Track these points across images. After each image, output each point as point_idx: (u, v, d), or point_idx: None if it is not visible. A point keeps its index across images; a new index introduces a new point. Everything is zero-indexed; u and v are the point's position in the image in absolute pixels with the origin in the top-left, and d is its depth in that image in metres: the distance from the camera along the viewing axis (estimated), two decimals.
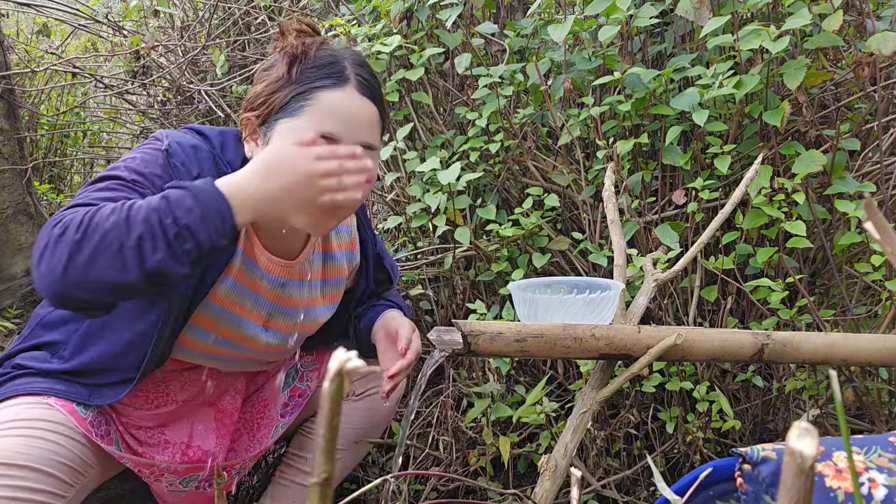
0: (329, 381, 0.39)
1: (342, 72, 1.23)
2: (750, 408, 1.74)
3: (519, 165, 1.95)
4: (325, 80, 1.21)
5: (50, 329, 1.34)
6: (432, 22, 2.00)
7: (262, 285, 1.35)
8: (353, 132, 1.21)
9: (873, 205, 0.46)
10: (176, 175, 1.20)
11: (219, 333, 1.33)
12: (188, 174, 1.21)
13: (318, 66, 1.23)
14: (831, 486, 0.98)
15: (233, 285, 1.31)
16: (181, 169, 1.21)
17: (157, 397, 1.39)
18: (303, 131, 1.18)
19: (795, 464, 0.39)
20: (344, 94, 1.22)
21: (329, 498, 0.40)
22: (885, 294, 1.53)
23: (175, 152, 1.22)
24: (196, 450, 1.40)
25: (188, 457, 1.39)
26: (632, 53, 1.81)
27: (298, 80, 1.22)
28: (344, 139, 1.20)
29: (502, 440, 1.62)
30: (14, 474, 1.14)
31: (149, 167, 1.20)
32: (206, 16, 3.00)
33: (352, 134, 1.21)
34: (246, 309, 1.34)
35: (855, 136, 1.64)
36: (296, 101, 1.21)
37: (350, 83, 1.23)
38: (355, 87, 1.23)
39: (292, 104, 1.21)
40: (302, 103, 1.20)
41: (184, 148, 1.23)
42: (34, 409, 1.24)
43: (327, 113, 1.20)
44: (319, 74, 1.22)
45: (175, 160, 1.21)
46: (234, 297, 1.32)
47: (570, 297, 1.37)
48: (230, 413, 1.46)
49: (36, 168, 2.86)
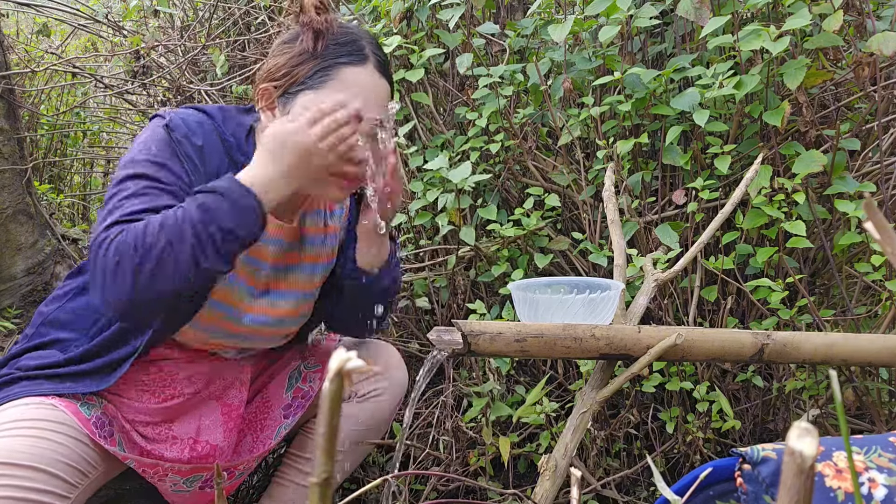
0: (329, 381, 0.39)
1: (362, 50, 1.29)
2: (750, 408, 1.74)
3: (519, 165, 1.95)
4: (347, 57, 1.27)
5: (57, 328, 1.35)
6: (432, 22, 2.00)
7: (266, 250, 1.37)
8: (370, 108, 1.26)
9: (873, 205, 0.46)
10: (179, 148, 1.25)
11: (227, 303, 1.34)
12: (191, 145, 1.26)
13: (339, 42, 1.28)
14: (831, 486, 0.98)
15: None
16: (184, 142, 1.26)
17: (163, 390, 1.39)
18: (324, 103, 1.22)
19: (795, 464, 0.39)
20: (364, 70, 1.28)
21: (329, 498, 0.40)
22: (885, 294, 1.53)
23: (176, 126, 1.27)
24: (204, 444, 1.40)
25: (196, 452, 1.39)
26: (632, 53, 1.81)
27: (322, 56, 1.27)
28: (364, 116, 1.24)
29: (502, 440, 1.62)
30: (18, 475, 1.14)
31: (162, 153, 1.25)
32: (206, 16, 3.00)
33: (369, 109, 1.26)
34: (253, 278, 1.36)
35: (855, 136, 1.64)
36: (319, 74, 1.26)
37: (370, 61, 1.29)
38: (374, 66, 1.29)
39: (315, 77, 1.26)
40: (324, 77, 1.26)
41: (185, 121, 1.28)
42: (38, 409, 1.24)
43: (349, 87, 1.26)
44: (342, 51, 1.28)
45: (177, 133, 1.26)
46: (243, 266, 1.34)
47: (570, 297, 1.37)
48: (236, 406, 1.46)
49: (36, 168, 2.86)
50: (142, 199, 1.20)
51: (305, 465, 1.56)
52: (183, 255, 1.13)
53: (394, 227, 1.65)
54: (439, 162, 1.79)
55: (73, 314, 1.35)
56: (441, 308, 1.96)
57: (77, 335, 1.34)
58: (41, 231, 2.49)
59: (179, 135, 1.26)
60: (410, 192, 1.94)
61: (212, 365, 1.44)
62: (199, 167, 1.26)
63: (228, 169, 1.28)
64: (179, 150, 1.25)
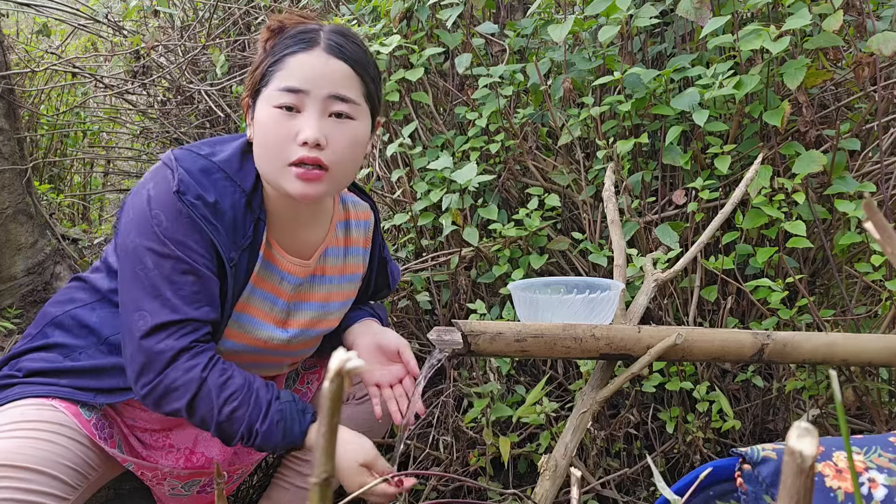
0: (329, 381, 0.39)
1: (313, 38, 1.25)
2: (750, 408, 1.74)
3: (519, 165, 1.95)
4: (293, 47, 1.24)
5: (63, 331, 1.34)
6: (432, 22, 2.00)
7: (282, 287, 1.36)
8: (319, 86, 1.22)
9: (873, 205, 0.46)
10: (194, 211, 1.21)
11: (235, 339, 1.34)
12: (203, 203, 1.22)
13: (290, 36, 1.26)
14: (831, 486, 0.98)
15: (251, 290, 1.32)
16: (197, 203, 1.22)
17: None
18: (272, 94, 1.22)
19: (795, 464, 0.39)
20: (310, 55, 1.23)
21: (329, 498, 0.40)
22: (885, 294, 1.53)
23: (187, 187, 1.22)
24: (200, 456, 1.40)
25: (191, 462, 1.39)
26: (632, 53, 1.81)
27: (272, 53, 1.25)
28: (311, 91, 1.21)
29: (502, 440, 1.61)
30: (18, 476, 1.14)
31: (178, 227, 1.22)
32: (206, 16, 3.00)
33: (318, 87, 1.22)
34: (262, 311, 1.35)
35: (855, 136, 1.63)
36: (270, 70, 1.24)
37: (318, 46, 1.24)
38: (324, 49, 1.24)
39: (267, 75, 1.24)
40: (273, 71, 1.24)
41: (194, 176, 1.24)
42: (39, 411, 1.24)
43: (293, 72, 1.22)
44: (290, 43, 1.25)
45: (189, 197, 1.22)
46: (252, 300, 1.33)
47: (570, 297, 1.37)
48: None
49: (36, 168, 2.86)
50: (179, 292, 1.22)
51: (304, 467, 1.56)
52: (215, 422, 1.23)
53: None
54: (443, 162, 1.79)
55: (82, 323, 1.34)
56: (441, 308, 1.96)
57: (84, 344, 1.32)
58: (41, 231, 2.49)
59: (192, 197, 1.22)
60: (413, 193, 1.94)
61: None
62: (216, 224, 1.23)
63: (244, 208, 1.26)
64: (196, 214, 1.21)
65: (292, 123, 1.21)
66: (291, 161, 1.20)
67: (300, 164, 1.20)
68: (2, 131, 2.37)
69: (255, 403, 1.22)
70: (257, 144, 1.25)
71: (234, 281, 1.27)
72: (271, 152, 1.22)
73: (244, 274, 1.29)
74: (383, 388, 1.41)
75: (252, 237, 1.27)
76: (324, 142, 1.20)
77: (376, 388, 1.41)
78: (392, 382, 1.41)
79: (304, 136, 1.19)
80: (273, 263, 1.34)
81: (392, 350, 1.42)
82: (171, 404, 1.22)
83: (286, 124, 1.21)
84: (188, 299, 1.21)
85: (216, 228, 1.22)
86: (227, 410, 1.20)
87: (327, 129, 1.21)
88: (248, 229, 1.27)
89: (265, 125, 1.22)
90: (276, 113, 1.21)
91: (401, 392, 1.40)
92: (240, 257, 1.26)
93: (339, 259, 1.45)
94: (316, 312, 1.42)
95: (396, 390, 1.40)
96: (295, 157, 1.20)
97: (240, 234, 1.26)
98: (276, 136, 1.21)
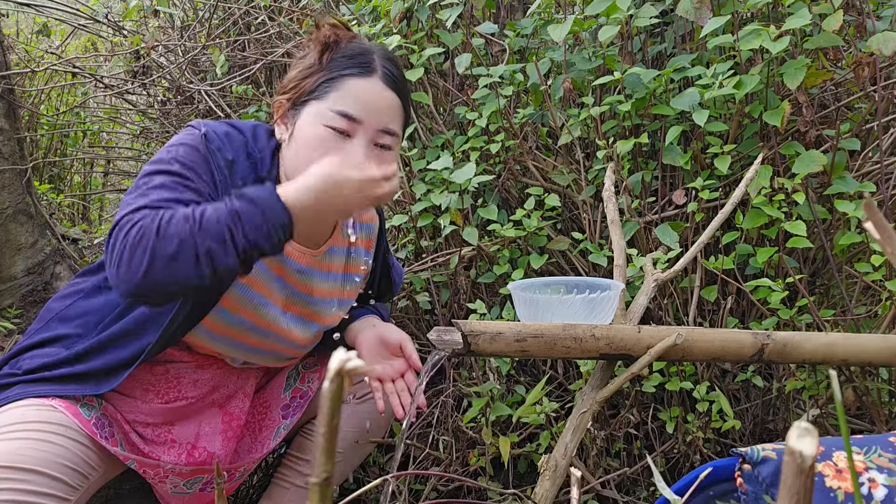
0: (329, 381, 0.39)
1: (370, 63, 1.29)
2: (750, 408, 1.74)
3: (519, 165, 1.95)
4: (352, 69, 1.28)
5: (66, 322, 1.35)
6: (432, 22, 2.00)
7: (284, 268, 1.38)
8: (373, 116, 1.26)
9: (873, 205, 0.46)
10: (213, 158, 1.26)
11: (243, 315, 1.35)
12: (223, 158, 1.27)
13: (347, 55, 1.29)
14: (831, 486, 0.98)
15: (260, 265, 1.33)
16: (217, 154, 1.27)
17: (167, 391, 1.39)
18: (326, 113, 1.25)
19: (795, 464, 0.39)
20: (368, 82, 1.27)
21: (329, 498, 0.40)
22: (885, 294, 1.53)
23: (212, 138, 1.28)
24: (202, 451, 1.40)
25: (193, 457, 1.39)
26: (632, 53, 1.81)
27: (328, 67, 1.28)
28: (365, 121, 1.25)
29: (502, 440, 1.61)
30: (19, 478, 1.14)
31: (192, 157, 1.26)
32: (206, 16, 3.00)
33: (373, 118, 1.26)
34: (266, 289, 1.36)
35: (855, 136, 1.64)
36: (324, 86, 1.27)
37: (376, 74, 1.28)
38: (380, 78, 1.28)
39: (321, 89, 1.27)
40: (328, 88, 1.27)
41: (219, 135, 1.29)
42: (38, 411, 1.24)
43: (351, 97, 1.26)
44: (348, 63, 1.28)
45: (212, 145, 1.27)
46: (261, 276, 1.34)
47: (570, 297, 1.37)
48: (237, 416, 1.46)
49: (36, 168, 2.86)
50: (170, 191, 1.21)
51: (305, 466, 1.56)
52: (203, 249, 1.13)
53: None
54: (443, 162, 1.80)
55: (84, 311, 1.36)
56: (441, 308, 1.96)
57: (84, 331, 1.34)
58: (41, 231, 2.49)
59: (214, 147, 1.27)
60: (412, 192, 1.94)
61: (218, 372, 1.44)
62: (227, 180, 1.26)
63: (254, 181, 1.29)
64: (213, 160, 1.26)
65: (340, 147, 1.24)
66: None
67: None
68: (2, 131, 2.37)
69: (216, 205, 1.17)
70: (294, 152, 1.28)
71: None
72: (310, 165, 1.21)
73: None
74: (385, 382, 1.42)
75: None
76: None
77: (378, 383, 1.42)
78: (394, 377, 1.42)
79: None
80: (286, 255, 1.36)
81: (394, 344, 1.43)
82: (141, 260, 1.13)
83: (334, 146, 1.24)
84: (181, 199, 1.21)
85: (225, 181, 1.26)
86: (197, 215, 1.14)
87: (371, 159, 1.25)
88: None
89: (310, 140, 1.25)
90: (326, 132, 1.25)
91: (403, 387, 1.41)
92: None
93: (342, 258, 1.47)
94: (316, 307, 1.43)
95: (398, 385, 1.41)
96: None
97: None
98: (321, 154, 1.23)
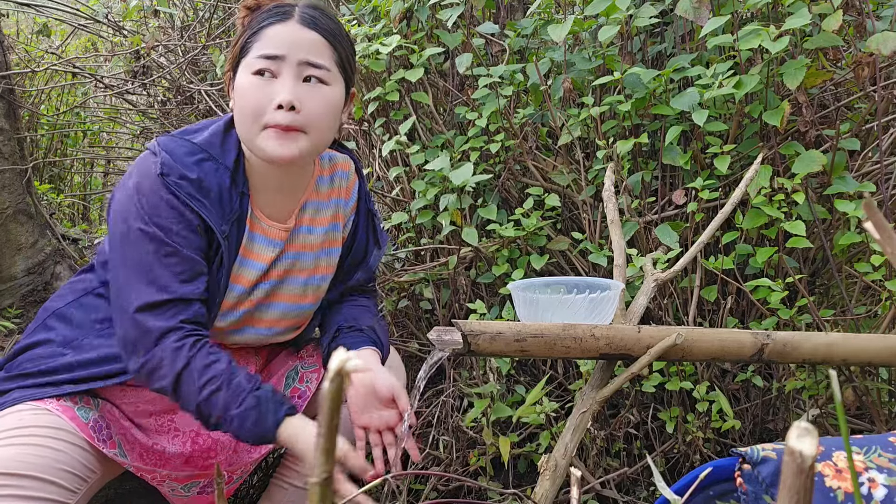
0: (329, 381, 0.39)
1: (287, 10, 1.33)
2: (750, 408, 1.74)
3: (519, 165, 1.95)
4: (270, 19, 1.32)
5: (64, 322, 1.36)
6: (432, 22, 2.00)
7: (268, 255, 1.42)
8: (293, 52, 1.29)
9: (873, 205, 0.46)
10: (179, 191, 1.27)
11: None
12: (189, 182, 1.28)
13: (267, 10, 1.34)
14: (831, 486, 0.98)
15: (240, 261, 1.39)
16: (182, 183, 1.28)
17: None
18: (252, 62, 1.29)
19: (795, 464, 0.39)
20: (286, 25, 1.31)
21: (329, 498, 0.40)
22: (885, 294, 1.53)
23: (170, 169, 1.29)
24: (206, 437, 1.40)
25: (198, 445, 1.39)
26: (632, 53, 1.81)
27: (250, 27, 1.33)
28: (286, 57, 1.28)
29: (502, 440, 1.61)
30: (17, 484, 1.14)
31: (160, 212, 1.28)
32: (206, 16, 3.00)
33: (292, 52, 1.29)
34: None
35: (855, 136, 1.63)
36: (249, 43, 1.32)
37: (293, 18, 1.32)
38: (297, 20, 1.32)
39: (247, 46, 1.32)
40: (252, 41, 1.31)
41: (176, 158, 1.30)
42: (36, 416, 1.24)
43: (269, 40, 1.30)
44: (267, 16, 1.33)
45: (172, 178, 1.28)
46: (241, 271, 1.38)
47: (570, 297, 1.37)
48: None
49: (36, 168, 2.86)
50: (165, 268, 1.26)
51: (304, 467, 1.56)
52: (203, 410, 1.24)
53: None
54: (441, 162, 1.80)
55: (83, 311, 1.37)
56: (441, 308, 1.96)
57: (82, 331, 1.35)
58: (41, 231, 2.49)
59: (175, 178, 1.28)
60: (411, 191, 1.94)
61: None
62: (202, 200, 1.29)
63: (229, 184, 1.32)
64: (181, 194, 1.27)
65: (269, 88, 1.28)
66: (268, 124, 1.27)
67: (277, 126, 1.27)
68: (2, 131, 2.37)
69: (234, 387, 1.24)
70: (237, 111, 1.32)
71: (228, 254, 1.32)
72: (250, 117, 1.28)
73: (235, 245, 1.35)
74: (371, 432, 1.36)
75: (239, 210, 1.34)
76: (298, 104, 1.27)
77: (363, 431, 1.36)
78: (381, 428, 1.36)
79: (279, 99, 1.26)
80: (260, 234, 1.39)
81: (386, 395, 1.35)
82: (158, 382, 1.25)
83: (263, 89, 1.28)
84: (175, 278, 1.26)
85: (203, 205, 1.28)
86: (206, 392, 1.23)
87: (301, 93, 1.28)
88: (235, 203, 1.33)
89: (244, 91, 1.29)
90: (254, 79, 1.29)
91: (390, 440, 1.36)
92: (230, 229, 1.32)
93: (319, 210, 1.48)
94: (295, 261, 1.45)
95: (386, 438, 1.36)
96: (272, 121, 1.27)
97: (227, 208, 1.32)
98: (253, 100, 1.27)
